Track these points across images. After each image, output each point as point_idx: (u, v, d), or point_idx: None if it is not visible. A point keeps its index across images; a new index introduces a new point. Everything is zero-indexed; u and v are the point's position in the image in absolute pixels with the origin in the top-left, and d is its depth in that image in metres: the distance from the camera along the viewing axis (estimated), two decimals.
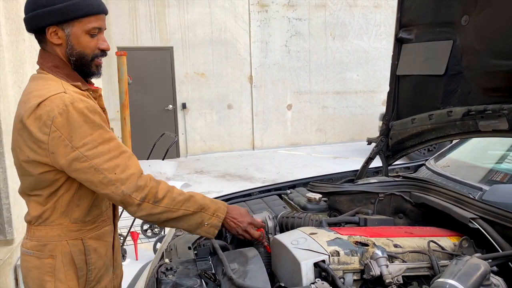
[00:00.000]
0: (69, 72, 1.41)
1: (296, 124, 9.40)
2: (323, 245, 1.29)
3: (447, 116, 1.79)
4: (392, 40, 8.13)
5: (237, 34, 8.83)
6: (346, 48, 9.58)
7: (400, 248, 1.34)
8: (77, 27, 1.34)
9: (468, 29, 1.73)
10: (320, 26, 9.33)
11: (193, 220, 1.37)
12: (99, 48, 1.39)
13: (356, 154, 8.58)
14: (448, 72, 1.81)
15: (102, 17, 1.38)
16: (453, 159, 2.15)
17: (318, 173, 7.28)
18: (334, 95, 9.63)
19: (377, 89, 9.97)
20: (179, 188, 1.40)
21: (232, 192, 2.08)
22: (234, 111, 8.98)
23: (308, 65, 9.34)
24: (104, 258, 1.54)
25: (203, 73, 8.75)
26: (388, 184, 1.77)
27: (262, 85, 9.09)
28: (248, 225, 1.46)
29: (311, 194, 1.80)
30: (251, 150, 9.09)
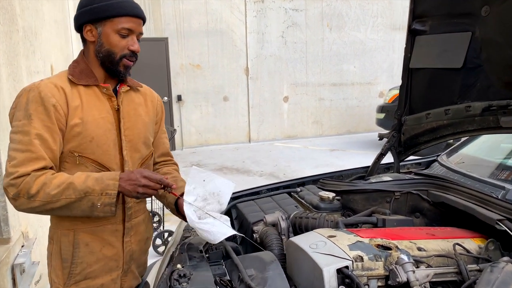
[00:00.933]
0: (85, 69, 1.50)
1: (293, 117, 9.32)
2: (345, 250, 1.22)
3: (465, 111, 1.72)
4: (389, 31, 8.13)
5: (233, 24, 8.70)
6: (343, 40, 9.49)
7: (424, 252, 1.28)
8: (108, 26, 1.44)
9: (488, 20, 1.65)
10: (317, 17, 9.22)
11: (83, 206, 1.35)
12: (129, 48, 1.46)
13: (353, 147, 8.55)
14: (466, 65, 1.74)
15: (135, 20, 1.46)
16: (466, 155, 2.09)
17: (316, 166, 7.25)
18: (331, 87, 9.55)
19: (373, 81, 9.91)
20: None
21: (239, 190, 2.00)
22: (230, 103, 8.88)
23: (304, 56, 9.24)
24: (99, 254, 1.52)
25: (198, 64, 8.63)
26: (405, 182, 1.70)
27: (259, 77, 8.98)
28: (143, 178, 1.36)
29: (323, 192, 1.73)
30: (247, 143, 9.01)
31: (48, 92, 1.40)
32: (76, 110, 1.44)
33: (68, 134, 1.43)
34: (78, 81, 1.47)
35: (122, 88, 1.56)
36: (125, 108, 1.55)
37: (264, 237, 1.52)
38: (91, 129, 1.45)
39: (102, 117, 1.48)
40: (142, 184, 1.35)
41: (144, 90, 1.69)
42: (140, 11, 1.50)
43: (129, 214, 1.57)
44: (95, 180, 1.35)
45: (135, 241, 1.61)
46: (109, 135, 1.49)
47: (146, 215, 1.70)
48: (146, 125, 1.61)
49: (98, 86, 1.50)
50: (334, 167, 6.94)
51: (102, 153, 1.46)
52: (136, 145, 1.56)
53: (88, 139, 1.44)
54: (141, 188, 1.35)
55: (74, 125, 1.43)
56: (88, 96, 1.48)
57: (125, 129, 1.53)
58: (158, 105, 1.73)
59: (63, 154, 1.45)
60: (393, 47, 9.89)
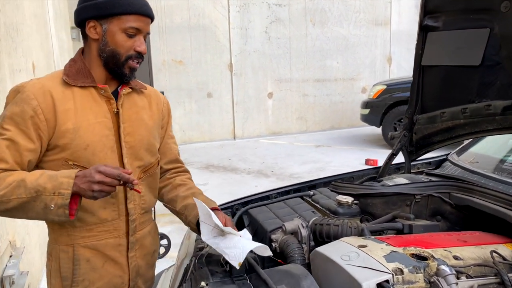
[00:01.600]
0: (82, 68, 1.37)
1: (277, 113, 9.25)
2: (381, 262, 1.15)
3: (484, 110, 1.67)
4: (371, 27, 8.13)
5: (216, 20, 8.54)
6: (326, 35, 9.45)
7: (461, 261, 1.22)
8: (114, 24, 1.32)
9: (509, 16, 1.60)
10: (300, 12, 9.15)
11: (36, 207, 1.20)
12: (135, 49, 1.35)
13: (338, 142, 8.54)
14: (484, 63, 1.69)
15: (143, 19, 1.35)
16: (478, 154, 2.05)
17: (303, 162, 7.20)
18: (315, 83, 9.52)
19: (356, 77, 9.92)
20: None
21: (246, 196, 1.91)
22: (214, 100, 8.74)
23: (288, 52, 9.17)
24: (101, 271, 1.41)
25: (181, 60, 8.44)
26: (425, 184, 1.65)
27: (243, 73, 8.86)
28: (98, 174, 1.18)
29: (341, 197, 1.65)
30: (232, 140, 8.90)
31: (31, 94, 1.28)
32: (68, 114, 1.31)
33: (59, 141, 1.30)
34: (74, 82, 1.34)
35: (123, 90, 1.43)
36: (125, 112, 1.42)
37: (284, 247, 1.43)
38: (85, 136, 1.32)
39: (98, 121, 1.35)
40: (97, 181, 1.18)
41: (148, 92, 1.56)
42: (149, 9, 1.37)
43: (133, 227, 1.46)
44: (49, 178, 1.21)
45: (140, 256, 1.50)
46: (106, 142, 1.36)
47: (152, 227, 1.59)
48: (149, 130, 1.49)
49: (95, 87, 1.37)
50: (321, 163, 6.92)
51: (99, 161, 1.33)
52: (138, 152, 1.44)
53: (82, 147, 1.32)
54: (96, 185, 1.18)
55: (66, 131, 1.30)
56: (83, 98, 1.35)
57: (125, 135, 1.41)
58: (164, 108, 1.61)
59: (55, 162, 1.32)
60: (375, 43, 9.92)
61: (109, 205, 1.39)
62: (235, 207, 1.83)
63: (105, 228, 1.40)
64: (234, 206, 1.84)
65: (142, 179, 1.47)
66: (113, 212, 1.40)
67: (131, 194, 1.43)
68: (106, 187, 1.19)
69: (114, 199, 1.40)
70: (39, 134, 1.29)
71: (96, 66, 1.39)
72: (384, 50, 10.06)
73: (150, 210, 1.56)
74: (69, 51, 7.04)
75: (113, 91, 1.43)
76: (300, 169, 6.61)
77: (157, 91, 1.63)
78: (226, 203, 1.87)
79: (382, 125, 7.73)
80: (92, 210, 1.37)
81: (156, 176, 1.56)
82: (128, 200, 1.42)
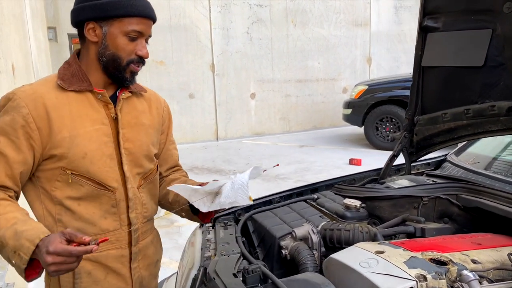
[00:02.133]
0: (77, 72, 1.29)
1: (260, 113, 9.22)
2: (403, 268, 1.11)
3: (488, 110, 1.67)
4: (351, 27, 8.20)
5: (197, 20, 8.45)
6: (307, 36, 9.48)
7: (480, 265, 1.20)
8: (115, 27, 1.25)
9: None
10: (281, 13, 9.15)
11: (3, 254, 1.13)
12: (137, 53, 1.28)
13: (321, 142, 8.58)
14: (487, 63, 1.69)
15: (146, 22, 1.29)
16: (478, 154, 2.06)
17: (288, 163, 7.18)
18: (297, 83, 9.53)
19: (337, 77, 9.99)
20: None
21: None
22: (196, 101, 8.64)
23: (270, 53, 9.15)
24: (104, 283, 1.35)
25: (162, 61, 8.31)
26: (432, 186, 1.63)
27: (225, 74, 8.80)
28: (48, 256, 1.03)
29: (349, 200, 1.62)
30: (215, 141, 8.82)
31: (22, 101, 1.20)
32: (63, 121, 1.23)
33: (55, 150, 1.23)
34: (69, 86, 1.26)
35: (122, 94, 1.36)
36: (124, 117, 1.35)
37: (296, 254, 1.39)
38: (82, 144, 1.25)
39: (95, 128, 1.28)
40: (49, 263, 1.03)
41: (148, 95, 1.49)
42: (152, 11, 1.31)
43: (136, 237, 1.40)
44: (14, 233, 1.10)
45: (143, 266, 1.44)
46: (105, 149, 1.29)
47: (154, 235, 1.53)
48: (149, 136, 1.42)
49: (92, 91, 1.30)
50: (306, 163, 6.92)
51: (98, 170, 1.27)
52: (138, 159, 1.38)
53: (80, 156, 1.25)
54: (51, 267, 1.03)
55: (62, 139, 1.23)
56: (80, 103, 1.28)
57: (125, 141, 1.34)
58: (165, 112, 1.54)
59: (52, 171, 1.25)
60: (355, 44, 10.01)
61: (110, 215, 1.33)
62: (237, 213, 1.78)
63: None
64: (236, 212, 1.78)
65: (142, 186, 1.41)
66: (114, 222, 1.34)
67: (133, 203, 1.36)
68: (62, 265, 1.04)
69: (115, 208, 1.33)
70: (31, 144, 1.21)
71: (94, 70, 1.31)
72: (364, 50, 10.17)
73: (152, 219, 1.50)
74: (46, 52, 6.84)
75: (111, 95, 1.36)
76: (285, 169, 6.59)
77: (157, 94, 1.57)
78: (227, 209, 1.81)
79: (364, 124, 7.80)
80: (93, 221, 1.31)
81: (156, 182, 1.50)
82: (130, 209, 1.36)
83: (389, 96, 7.52)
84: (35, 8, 5.90)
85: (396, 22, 10.27)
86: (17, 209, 1.19)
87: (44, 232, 1.11)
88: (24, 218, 1.16)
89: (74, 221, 1.28)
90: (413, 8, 10.28)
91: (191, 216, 1.49)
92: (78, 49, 1.37)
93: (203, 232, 1.67)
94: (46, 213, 1.28)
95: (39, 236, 1.08)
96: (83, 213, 1.28)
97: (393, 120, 7.49)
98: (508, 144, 2.10)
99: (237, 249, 1.44)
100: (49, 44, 7.36)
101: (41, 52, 6.05)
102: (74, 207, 1.27)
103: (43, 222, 1.28)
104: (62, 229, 1.27)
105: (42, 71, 5.59)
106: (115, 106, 1.34)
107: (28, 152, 1.21)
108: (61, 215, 1.27)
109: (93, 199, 1.29)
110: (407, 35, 10.39)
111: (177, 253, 3.70)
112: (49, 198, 1.27)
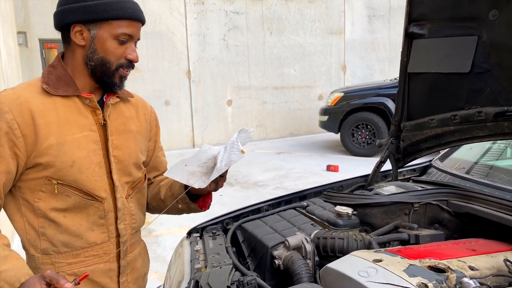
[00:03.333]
0: (63, 76, 1.21)
1: (237, 120, 9.18)
2: (403, 277, 1.09)
3: (475, 116, 1.68)
4: (326, 35, 8.34)
5: (172, 26, 8.37)
6: (283, 43, 9.54)
7: (477, 271, 1.19)
8: (105, 30, 1.20)
9: (497, 24, 1.63)
10: (258, 20, 9.18)
11: None
12: (126, 57, 1.22)
13: (298, 149, 8.61)
14: (473, 70, 1.71)
15: (135, 25, 1.24)
16: (462, 159, 2.08)
17: (266, 169, 7.15)
18: (273, 90, 9.55)
19: (313, 84, 10.07)
20: None
21: (236, 209, 1.81)
22: (172, 108, 8.53)
23: (247, 60, 9.15)
24: None
25: (137, 67, 8.12)
26: (423, 192, 1.63)
27: (201, 80, 8.73)
28: None
29: (340, 207, 1.60)
30: (191, 148, 8.71)
31: (5, 106, 1.12)
32: (50, 127, 1.16)
33: (40, 159, 1.15)
34: (55, 91, 1.19)
35: (110, 99, 1.29)
36: (113, 123, 1.29)
37: (290, 264, 1.35)
38: (70, 152, 1.18)
39: (84, 135, 1.22)
40: None
41: (135, 100, 1.43)
42: (141, 13, 1.26)
43: (124, 249, 1.33)
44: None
45: (132, 280, 1.38)
46: (94, 157, 1.23)
47: (142, 247, 1.46)
48: (138, 143, 1.37)
49: (79, 96, 1.23)
50: (284, 170, 6.92)
51: (86, 179, 1.21)
52: (127, 167, 1.32)
53: (68, 164, 1.18)
54: None
55: (48, 147, 1.15)
56: (67, 109, 1.21)
57: (114, 149, 1.28)
58: (152, 118, 1.48)
59: (36, 181, 1.17)
60: (330, 51, 10.13)
61: (98, 226, 1.26)
62: (225, 222, 1.73)
63: (94, 253, 1.26)
64: (224, 221, 1.73)
65: (131, 196, 1.35)
66: (102, 234, 1.27)
67: (122, 214, 1.29)
68: None
69: (103, 220, 1.26)
70: (15, 152, 1.13)
71: (81, 74, 1.24)
72: (339, 58, 10.30)
73: (139, 230, 1.43)
74: (16, 58, 6.60)
75: (98, 100, 1.29)
76: (264, 176, 6.57)
77: (144, 100, 1.51)
78: (214, 218, 1.76)
79: (341, 131, 7.88)
80: (79, 233, 1.23)
81: (144, 192, 1.44)
82: (119, 220, 1.29)
83: (364, 103, 7.63)
84: (4, 12, 5.69)
85: (369, 30, 10.46)
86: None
87: (25, 274, 1.04)
88: (4, 254, 1.07)
89: (59, 234, 1.20)
90: (385, 17, 10.52)
91: (188, 205, 1.40)
92: (62, 52, 1.30)
93: (191, 242, 1.61)
94: (28, 226, 1.19)
95: (19, 280, 1.03)
96: (69, 225, 1.20)
97: (369, 126, 7.59)
98: (489, 149, 2.13)
99: (229, 260, 1.40)
100: (19, 49, 7.12)
101: (11, 58, 5.84)
102: (60, 219, 1.19)
103: (24, 236, 1.20)
104: (46, 243, 1.19)
105: (12, 77, 5.39)
106: (103, 112, 1.28)
107: (11, 161, 1.13)
108: (45, 228, 1.20)
109: (80, 210, 1.22)
110: (380, 44, 10.60)
111: (156, 264, 3.60)
112: (31, 209, 1.18)
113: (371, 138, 7.60)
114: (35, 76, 6.63)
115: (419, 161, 2.18)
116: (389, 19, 10.56)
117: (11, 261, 1.06)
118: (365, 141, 7.68)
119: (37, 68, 7.41)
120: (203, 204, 1.42)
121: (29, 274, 1.04)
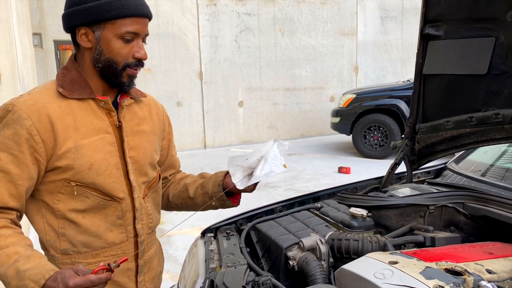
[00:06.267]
0: (77, 78, 1.22)
1: (248, 122, 9.19)
2: (419, 279, 1.08)
3: (492, 118, 1.67)
4: (338, 36, 8.31)
5: (185, 28, 8.42)
6: (295, 45, 9.53)
7: (495, 275, 1.18)
8: (108, 30, 1.18)
9: None
10: (270, 22, 9.18)
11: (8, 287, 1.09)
12: (134, 56, 1.20)
13: (309, 150, 8.58)
14: (490, 71, 1.69)
15: (140, 21, 1.20)
16: (478, 162, 2.06)
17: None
18: (284, 91, 9.55)
19: (324, 86, 10.04)
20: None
21: (250, 210, 1.81)
22: (184, 109, 8.57)
23: (258, 61, 9.16)
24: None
25: (149, 68, 8.23)
26: (438, 195, 1.61)
27: (213, 82, 8.76)
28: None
29: (355, 209, 1.59)
30: (202, 149, 8.75)
31: (23, 113, 1.13)
32: (67, 131, 1.17)
33: (59, 162, 1.17)
34: (70, 94, 1.20)
35: (124, 101, 1.30)
36: (127, 124, 1.30)
37: (304, 265, 1.35)
38: (88, 154, 1.19)
39: (100, 137, 1.23)
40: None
41: (147, 100, 1.43)
42: (146, 8, 1.23)
43: (142, 249, 1.34)
44: (17, 273, 1.04)
45: (149, 279, 1.39)
46: (111, 159, 1.24)
47: (157, 246, 1.47)
48: (152, 143, 1.38)
49: (94, 99, 1.24)
50: (295, 171, 6.90)
51: (104, 181, 1.22)
52: (143, 167, 1.32)
53: (86, 167, 1.19)
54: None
55: (67, 150, 1.17)
56: (83, 112, 1.21)
57: (129, 149, 1.29)
58: (165, 118, 1.49)
59: (55, 184, 1.19)
60: (342, 53, 10.10)
61: (116, 227, 1.27)
62: (239, 222, 1.74)
63: (113, 252, 1.27)
64: (238, 221, 1.74)
65: (148, 195, 1.36)
66: (121, 234, 1.28)
67: (139, 214, 1.31)
68: None
69: (122, 220, 1.27)
70: (36, 158, 1.14)
71: (92, 76, 1.25)
72: (351, 59, 10.26)
73: (155, 229, 1.45)
74: (32, 59, 6.70)
75: (112, 101, 1.30)
76: (275, 177, 6.55)
77: (155, 99, 1.51)
78: (227, 219, 1.77)
79: (352, 133, 7.84)
80: (98, 233, 1.25)
81: (159, 191, 1.45)
82: (137, 220, 1.30)
83: (376, 104, 7.58)
84: (21, 13, 5.78)
85: (382, 32, 10.41)
86: (19, 240, 1.10)
87: (49, 270, 1.03)
88: (27, 253, 1.07)
89: (79, 235, 1.22)
90: (398, 18, 10.45)
91: (224, 202, 1.48)
92: (74, 53, 1.30)
93: (205, 242, 1.62)
94: (47, 227, 1.21)
95: (44, 276, 1.02)
96: (88, 226, 1.22)
97: (381, 128, 7.54)
98: (505, 152, 2.10)
99: (243, 260, 1.40)
100: (34, 50, 7.23)
101: (27, 59, 5.92)
102: (79, 220, 1.21)
103: (44, 237, 1.21)
104: (66, 243, 1.21)
105: (28, 77, 5.47)
106: (117, 113, 1.29)
107: (32, 166, 1.14)
108: (64, 229, 1.21)
109: (98, 210, 1.23)
110: (392, 45, 10.54)
111: (168, 263, 3.62)
112: (51, 211, 1.20)
113: (384, 140, 7.55)
114: (49, 77, 6.76)
115: (433, 163, 2.16)
116: (402, 20, 10.49)
117: (34, 259, 1.06)
118: (377, 143, 7.63)
119: (52, 69, 7.51)
120: (235, 200, 1.49)
121: (53, 269, 1.04)
